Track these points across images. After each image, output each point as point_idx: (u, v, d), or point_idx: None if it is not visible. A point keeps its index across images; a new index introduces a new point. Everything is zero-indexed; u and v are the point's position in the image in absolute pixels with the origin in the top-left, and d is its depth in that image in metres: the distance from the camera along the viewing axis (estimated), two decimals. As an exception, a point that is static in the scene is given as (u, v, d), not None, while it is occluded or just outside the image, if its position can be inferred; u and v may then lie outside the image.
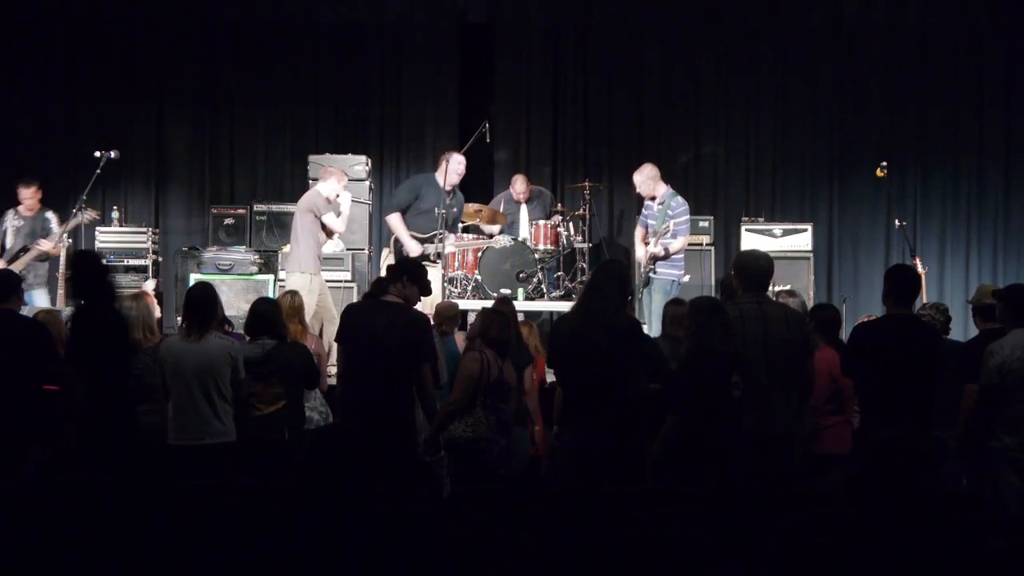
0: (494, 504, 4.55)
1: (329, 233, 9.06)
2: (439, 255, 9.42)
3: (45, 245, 9.49)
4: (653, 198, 9.20)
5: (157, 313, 6.85)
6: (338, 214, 8.98)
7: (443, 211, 9.32)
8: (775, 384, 5.59)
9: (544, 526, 3.45)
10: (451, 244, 9.57)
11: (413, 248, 9.32)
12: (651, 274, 9.05)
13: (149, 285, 9.49)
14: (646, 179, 9.23)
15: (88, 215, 9.71)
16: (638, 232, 9.39)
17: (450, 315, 7.36)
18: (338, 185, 8.96)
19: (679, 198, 9.16)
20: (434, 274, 9.29)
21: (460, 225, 10.06)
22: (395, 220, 9.50)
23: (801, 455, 6.04)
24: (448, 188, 9.48)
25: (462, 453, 6.03)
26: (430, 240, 9.41)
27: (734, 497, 3.40)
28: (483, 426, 6.00)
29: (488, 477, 5.91)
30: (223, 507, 4.34)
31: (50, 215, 9.68)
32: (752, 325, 5.61)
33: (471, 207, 10.09)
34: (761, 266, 5.88)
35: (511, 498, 4.56)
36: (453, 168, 9.45)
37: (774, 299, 6.69)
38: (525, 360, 6.83)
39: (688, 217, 9.14)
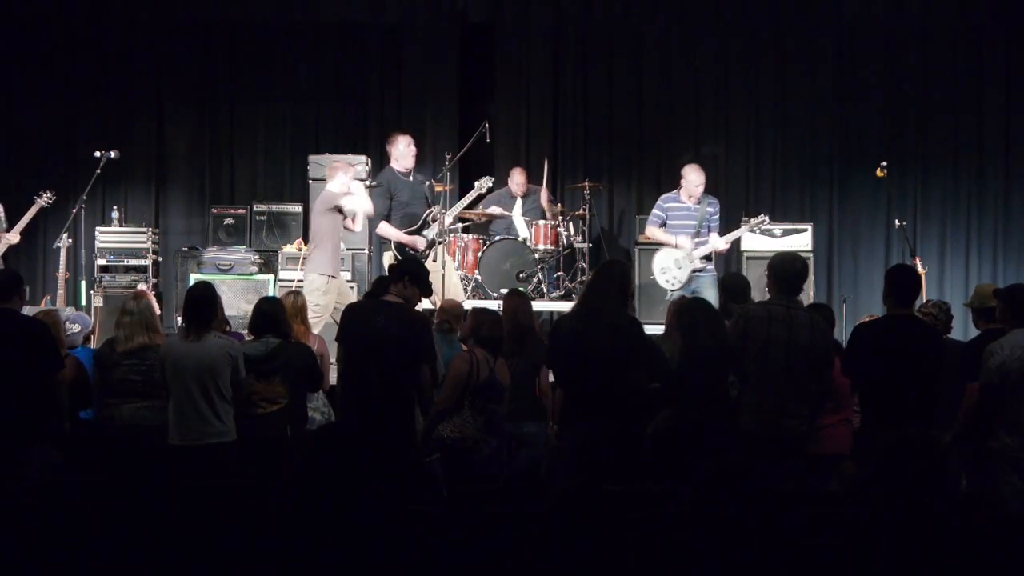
0: (494, 504, 4.55)
1: (351, 220, 8.94)
2: (443, 235, 9.33)
3: (13, 238, 9.33)
4: (692, 197, 9.23)
5: (156, 311, 6.84)
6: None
7: (436, 210, 9.27)
8: (791, 388, 5.59)
9: (543, 525, 3.44)
10: (450, 217, 9.47)
11: (418, 243, 9.24)
12: (698, 273, 9.10)
13: (142, 287, 9.45)
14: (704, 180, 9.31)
15: (46, 198, 9.50)
16: (664, 232, 9.25)
17: (456, 314, 7.36)
18: (347, 178, 8.93)
19: (712, 196, 9.38)
20: (449, 268, 9.30)
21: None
22: (385, 228, 9.27)
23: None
24: (408, 172, 9.36)
25: (450, 453, 6.04)
26: (424, 226, 9.32)
27: (728, 495, 3.40)
28: (470, 426, 6.01)
29: (478, 477, 5.92)
30: (223, 507, 4.34)
31: None
32: (778, 327, 5.61)
33: (471, 212, 10.07)
34: (796, 269, 5.87)
35: (511, 498, 4.56)
36: (405, 153, 9.33)
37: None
38: (543, 356, 6.83)
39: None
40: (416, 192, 9.33)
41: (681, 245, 9.17)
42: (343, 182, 8.86)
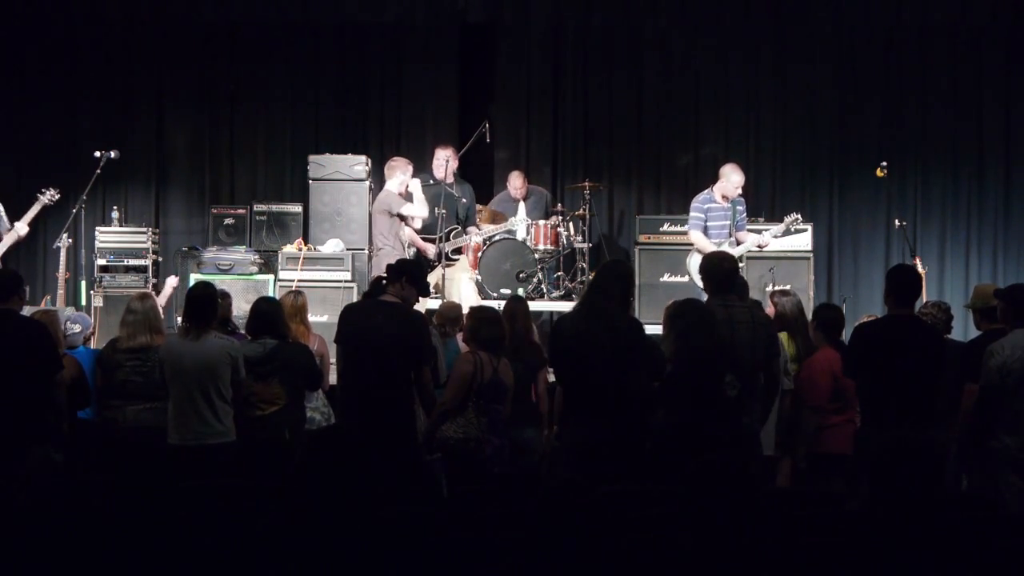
0: (493, 504, 4.55)
1: (407, 222, 9.19)
2: (458, 250, 9.46)
3: (22, 229, 9.21)
4: (725, 197, 9.18)
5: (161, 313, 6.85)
6: (412, 202, 9.18)
7: (443, 211, 9.33)
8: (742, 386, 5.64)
9: (543, 525, 3.44)
10: (475, 237, 9.60)
11: (429, 250, 9.35)
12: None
13: (172, 281, 9.40)
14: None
15: (50, 195, 9.43)
16: (709, 241, 9.08)
17: (453, 316, 7.35)
18: (404, 176, 9.13)
19: (739, 196, 9.31)
20: (464, 277, 9.35)
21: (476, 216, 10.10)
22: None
23: (804, 459, 6.13)
24: (446, 182, 9.51)
25: (454, 453, 6.03)
26: (446, 238, 9.41)
27: (723, 494, 3.40)
28: (474, 426, 6.00)
29: (482, 477, 5.91)
30: (223, 507, 4.35)
31: None
32: (720, 328, 5.65)
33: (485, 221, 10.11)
34: (725, 268, 5.94)
35: (511, 498, 4.56)
36: (435, 164, 9.59)
37: (769, 300, 6.76)
38: (539, 361, 6.83)
39: None
40: (444, 201, 9.39)
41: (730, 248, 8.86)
42: (401, 182, 9.07)
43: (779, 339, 6.26)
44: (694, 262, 9.13)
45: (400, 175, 9.16)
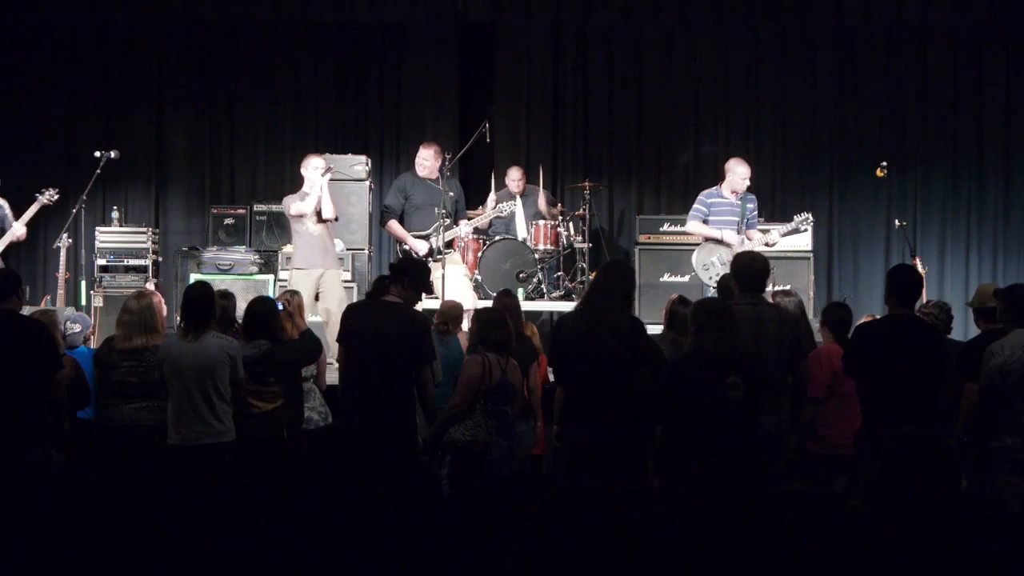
0: (494, 504, 4.55)
1: (299, 216, 8.92)
2: (449, 244, 9.45)
3: (19, 230, 9.10)
4: (735, 193, 9.17)
5: (164, 311, 6.83)
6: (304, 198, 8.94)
7: (442, 210, 9.33)
8: (765, 385, 5.63)
9: (543, 525, 3.44)
10: (465, 227, 9.59)
11: (420, 247, 9.34)
12: None
13: (149, 286, 9.43)
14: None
15: (49, 195, 9.34)
16: (709, 227, 9.02)
17: (454, 315, 7.35)
18: (307, 172, 9.01)
19: (749, 192, 9.23)
20: (458, 272, 9.34)
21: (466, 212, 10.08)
22: (393, 226, 9.52)
23: (794, 451, 6.13)
24: (429, 178, 9.48)
25: (461, 456, 6.02)
26: (435, 233, 9.40)
27: (722, 495, 3.40)
28: (481, 429, 5.98)
29: (490, 478, 5.90)
30: (223, 507, 4.34)
31: (2, 202, 9.28)
32: (745, 326, 5.66)
33: (469, 211, 10.11)
34: (755, 268, 5.95)
35: (511, 498, 4.56)
36: (419, 161, 9.55)
37: (770, 300, 6.74)
38: (530, 355, 6.83)
39: None
40: (433, 198, 9.37)
41: (727, 240, 8.93)
42: (312, 180, 8.93)
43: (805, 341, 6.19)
44: (700, 256, 9.12)
45: (303, 172, 9.07)
